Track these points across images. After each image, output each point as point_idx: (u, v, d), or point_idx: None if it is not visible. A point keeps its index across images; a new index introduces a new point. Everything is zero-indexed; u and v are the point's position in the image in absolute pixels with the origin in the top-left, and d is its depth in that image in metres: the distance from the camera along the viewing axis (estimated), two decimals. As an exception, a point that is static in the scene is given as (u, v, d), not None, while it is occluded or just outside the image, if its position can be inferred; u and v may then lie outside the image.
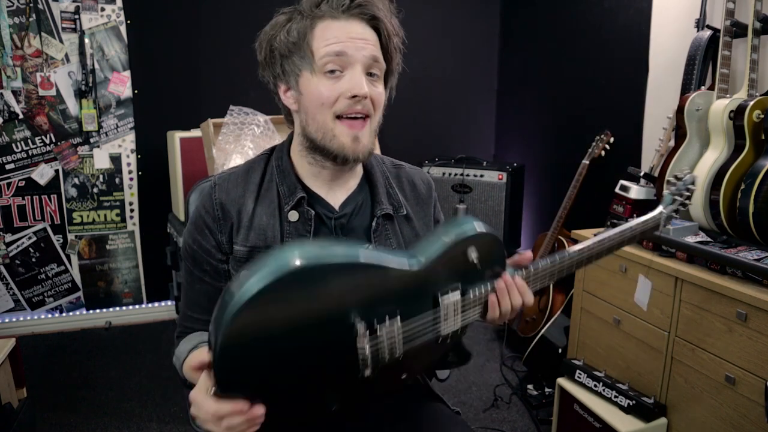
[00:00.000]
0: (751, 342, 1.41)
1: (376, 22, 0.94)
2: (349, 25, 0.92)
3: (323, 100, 0.91)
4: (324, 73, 0.91)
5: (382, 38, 0.95)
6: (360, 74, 0.91)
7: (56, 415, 2.22)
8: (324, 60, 0.91)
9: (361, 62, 0.92)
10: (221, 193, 0.99)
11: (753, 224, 1.59)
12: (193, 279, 1.02)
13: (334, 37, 0.91)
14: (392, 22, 0.96)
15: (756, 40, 1.77)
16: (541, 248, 2.58)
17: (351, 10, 0.92)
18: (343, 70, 0.91)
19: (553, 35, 3.08)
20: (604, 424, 1.72)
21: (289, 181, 1.00)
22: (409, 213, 1.07)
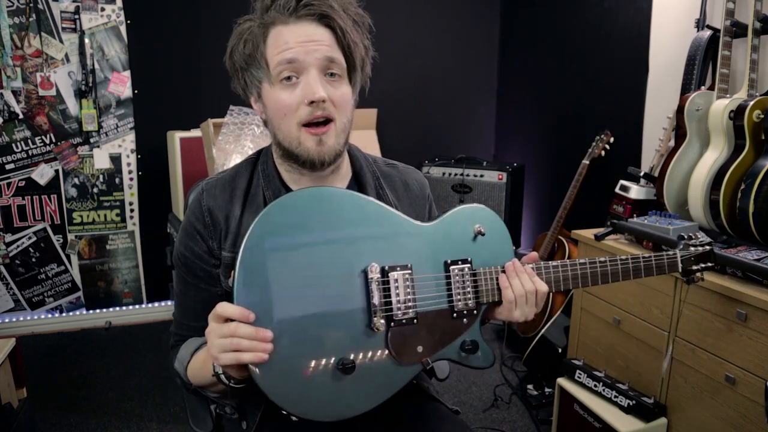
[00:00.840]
0: (751, 342, 1.41)
1: (328, 20, 0.90)
2: (299, 28, 0.89)
3: (285, 111, 0.90)
4: (280, 81, 0.90)
5: (337, 35, 0.91)
6: (315, 78, 0.89)
7: (56, 415, 2.22)
8: (278, 69, 0.89)
9: (315, 65, 0.89)
10: (209, 198, 0.98)
11: (753, 224, 1.59)
12: (187, 286, 1.01)
13: (284, 43, 0.89)
14: (348, 15, 0.92)
15: (756, 40, 1.77)
16: (541, 248, 2.58)
17: (298, 11, 0.89)
18: (298, 75, 0.89)
19: (553, 35, 3.08)
20: (604, 424, 1.72)
21: (274, 186, 0.99)
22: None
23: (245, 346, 0.76)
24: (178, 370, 1.01)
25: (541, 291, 0.96)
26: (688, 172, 1.86)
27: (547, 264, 1.00)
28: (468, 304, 0.94)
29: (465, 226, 0.96)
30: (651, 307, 1.75)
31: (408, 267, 0.89)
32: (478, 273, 0.95)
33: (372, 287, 0.85)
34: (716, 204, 1.70)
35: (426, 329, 0.90)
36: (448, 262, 0.93)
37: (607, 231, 1.93)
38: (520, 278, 0.95)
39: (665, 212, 1.86)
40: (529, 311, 0.96)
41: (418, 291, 0.90)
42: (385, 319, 0.86)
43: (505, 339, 2.83)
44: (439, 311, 0.92)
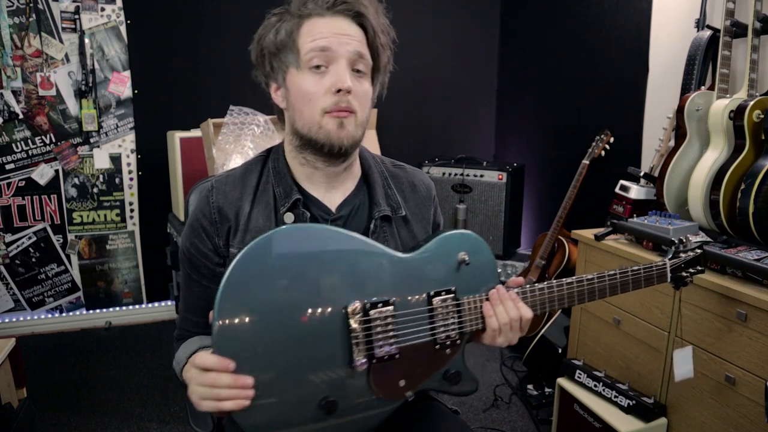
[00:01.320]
0: (751, 342, 1.41)
1: (361, 18, 0.95)
2: (335, 21, 0.93)
3: (310, 96, 0.92)
4: (309, 68, 0.93)
5: (368, 35, 0.96)
6: (344, 69, 0.92)
7: (56, 415, 2.22)
8: (309, 55, 0.92)
9: (346, 57, 0.93)
10: (219, 196, 0.99)
11: (753, 224, 1.59)
12: (191, 282, 1.02)
13: (319, 33, 0.92)
14: (379, 20, 0.97)
15: (756, 40, 1.77)
16: (541, 248, 2.58)
17: (336, 6, 0.93)
18: (327, 65, 0.93)
19: (553, 35, 3.08)
20: (604, 424, 1.72)
21: (285, 182, 0.99)
22: (407, 215, 1.07)
23: (225, 395, 0.77)
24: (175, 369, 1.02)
25: (526, 317, 0.96)
26: (688, 172, 1.86)
27: (533, 287, 0.99)
28: (451, 335, 0.93)
29: (449, 254, 0.95)
30: (651, 307, 1.75)
31: (390, 303, 0.88)
32: (461, 303, 0.94)
33: (353, 326, 0.84)
34: (716, 204, 1.70)
35: (408, 363, 0.89)
36: (431, 294, 0.92)
37: (607, 231, 1.93)
38: (504, 305, 0.95)
39: (665, 212, 1.86)
40: (513, 337, 0.96)
41: (401, 326, 0.88)
42: (367, 357, 0.85)
43: (505, 339, 2.83)
44: (422, 344, 0.91)
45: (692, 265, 1.17)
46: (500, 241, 2.99)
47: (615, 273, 1.06)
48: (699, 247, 1.19)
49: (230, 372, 0.77)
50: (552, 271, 2.54)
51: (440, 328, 0.92)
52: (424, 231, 1.09)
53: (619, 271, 1.06)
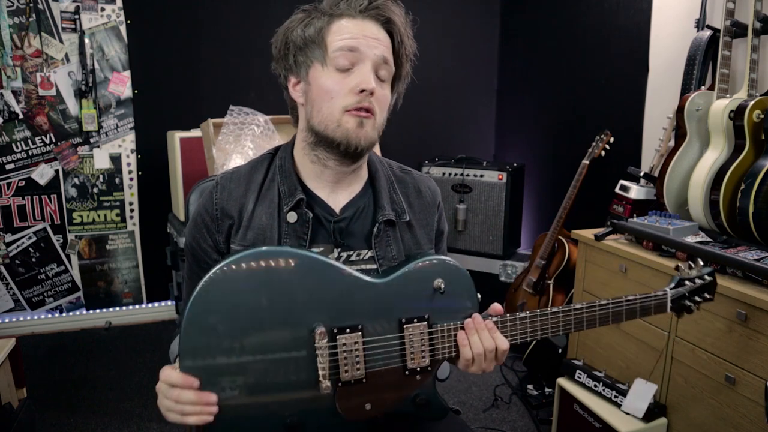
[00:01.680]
0: (751, 342, 1.41)
1: (391, 25, 0.97)
2: (365, 24, 0.95)
3: (332, 94, 0.93)
4: (335, 67, 0.93)
5: (395, 42, 0.98)
6: (369, 71, 0.93)
7: (56, 415, 2.22)
8: (336, 54, 0.93)
9: (372, 60, 0.94)
10: (223, 193, 1.00)
11: (753, 224, 1.59)
12: (194, 275, 1.03)
13: (348, 33, 0.93)
14: (406, 30, 1.00)
15: (756, 40, 1.77)
16: (541, 248, 2.58)
17: (368, 10, 0.95)
18: (353, 66, 0.93)
19: (553, 35, 3.09)
20: (604, 424, 1.72)
21: (290, 181, 0.99)
22: (411, 220, 1.06)
23: (188, 411, 0.80)
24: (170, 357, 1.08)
25: (501, 348, 0.92)
26: (688, 172, 1.86)
27: (513, 316, 0.95)
28: (422, 362, 0.91)
29: (424, 281, 0.92)
30: (651, 307, 1.75)
31: (358, 328, 0.87)
32: (434, 331, 0.92)
33: (320, 351, 0.84)
34: (716, 204, 1.70)
35: (376, 387, 0.89)
36: (402, 321, 0.90)
37: (607, 231, 1.93)
38: (480, 335, 0.92)
39: (665, 212, 1.86)
40: (487, 366, 0.93)
41: (369, 352, 0.88)
42: (332, 381, 0.86)
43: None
44: (391, 369, 0.90)
45: (700, 292, 1.10)
46: (500, 241, 2.99)
47: (607, 303, 1.01)
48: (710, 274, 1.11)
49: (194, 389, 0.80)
50: (552, 271, 2.54)
51: (411, 356, 0.90)
52: (428, 237, 1.09)
53: (612, 300, 1.02)
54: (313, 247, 0.97)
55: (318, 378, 0.84)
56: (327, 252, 0.98)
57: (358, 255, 1.00)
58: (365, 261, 1.00)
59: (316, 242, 0.98)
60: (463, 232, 3.06)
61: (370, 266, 0.99)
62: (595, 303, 1.00)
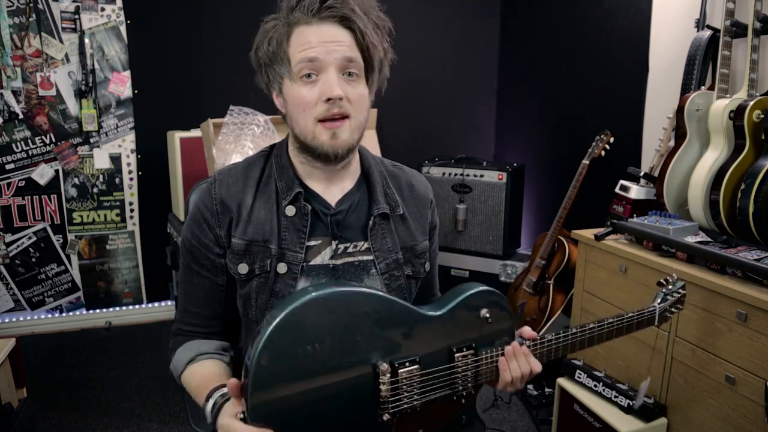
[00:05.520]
0: (751, 342, 1.41)
1: (348, 22, 0.94)
2: (321, 29, 0.93)
3: (303, 105, 0.94)
4: (300, 78, 0.93)
5: (357, 37, 0.95)
6: (333, 77, 0.92)
7: (56, 415, 2.22)
8: (299, 66, 0.93)
9: (334, 65, 0.93)
10: (221, 188, 1.02)
11: (753, 224, 1.59)
12: (191, 273, 1.04)
13: (306, 42, 0.93)
14: (369, 17, 0.96)
15: (756, 40, 1.77)
16: (541, 248, 2.58)
17: (321, 12, 0.93)
18: (318, 74, 0.93)
19: (553, 35, 3.08)
20: (604, 424, 1.72)
21: (287, 177, 1.02)
22: (405, 213, 1.08)
23: None
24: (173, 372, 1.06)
25: (535, 371, 1.00)
26: (688, 172, 1.86)
27: (542, 340, 1.03)
28: (468, 387, 0.97)
29: (472, 311, 0.98)
30: (651, 307, 1.75)
31: (416, 361, 0.91)
32: (480, 358, 0.98)
33: (383, 384, 0.87)
34: (716, 204, 1.70)
35: (428, 413, 0.94)
36: (453, 350, 0.95)
37: (607, 231, 1.93)
38: (518, 361, 0.99)
39: (665, 212, 1.86)
40: (520, 386, 1.01)
41: (425, 383, 0.92)
42: (392, 413, 0.89)
43: (505, 339, 2.83)
44: (442, 397, 0.95)
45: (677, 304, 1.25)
46: (500, 241, 2.99)
47: (613, 321, 1.13)
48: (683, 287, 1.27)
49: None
50: (552, 271, 2.54)
51: (459, 382, 0.96)
52: (422, 230, 1.11)
53: (616, 318, 1.14)
54: (312, 240, 0.99)
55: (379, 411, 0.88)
56: (325, 244, 1.00)
57: (355, 246, 1.02)
58: (362, 252, 1.03)
59: (314, 235, 1.00)
60: (463, 232, 3.06)
61: (366, 257, 1.02)
62: (603, 322, 1.12)
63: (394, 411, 0.88)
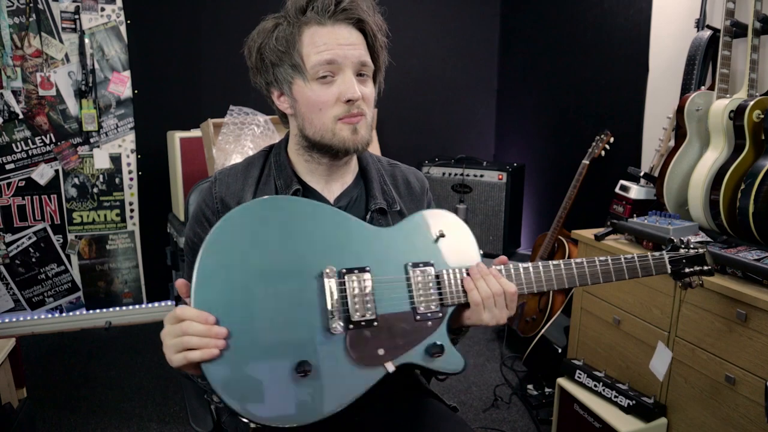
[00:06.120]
0: (751, 342, 1.41)
1: (362, 24, 0.96)
2: (336, 30, 0.94)
3: (320, 105, 0.94)
4: (316, 79, 0.94)
5: (368, 39, 0.98)
6: (351, 78, 0.94)
7: (56, 415, 2.22)
8: (315, 68, 0.93)
9: (351, 67, 0.94)
10: (221, 187, 1.03)
11: (753, 224, 1.59)
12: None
13: (323, 44, 0.93)
14: (376, 20, 0.98)
15: (756, 40, 1.77)
16: (541, 248, 2.58)
17: (336, 15, 0.94)
18: (334, 75, 0.94)
19: (553, 35, 3.09)
20: (604, 424, 1.72)
21: (286, 175, 1.03)
22: (402, 209, 1.09)
23: (195, 344, 0.77)
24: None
25: (509, 292, 0.93)
26: (688, 172, 1.86)
27: (516, 266, 0.97)
28: (431, 306, 0.92)
29: (426, 229, 0.96)
30: (651, 307, 1.75)
31: (366, 269, 0.89)
32: (441, 275, 0.94)
33: (328, 289, 0.86)
34: (716, 204, 1.70)
35: (387, 332, 0.89)
36: (409, 265, 0.93)
37: (607, 231, 1.93)
38: (485, 280, 0.93)
39: (665, 212, 1.86)
40: (500, 314, 0.93)
41: (378, 293, 0.89)
42: (343, 321, 0.86)
43: (505, 339, 2.83)
44: (401, 314, 0.91)
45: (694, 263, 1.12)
46: (500, 241, 2.99)
47: (607, 260, 1.03)
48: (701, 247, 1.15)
49: (210, 324, 0.78)
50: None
51: (420, 298, 0.91)
52: None
53: (612, 258, 1.04)
54: None
55: (328, 318, 0.85)
56: None
57: None
58: None
59: None
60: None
61: None
62: (594, 259, 1.02)
63: (344, 319, 0.86)
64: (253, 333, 0.82)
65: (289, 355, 0.83)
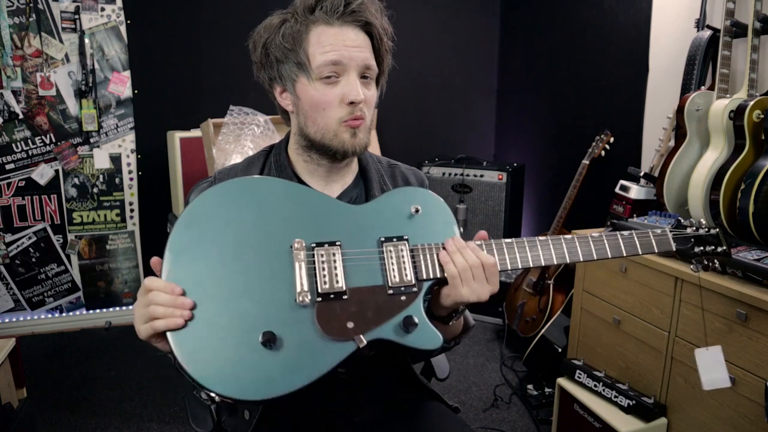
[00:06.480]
0: (751, 342, 1.41)
1: (369, 27, 0.96)
2: (343, 32, 0.94)
3: (324, 105, 0.94)
4: (321, 79, 0.94)
5: (374, 42, 0.98)
6: (355, 80, 0.94)
7: (56, 415, 2.22)
8: (320, 68, 0.93)
9: (356, 69, 0.94)
10: None
11: (753, 224, 1.59)
12: None
13: (329, 44, 0.93)
14: (383, 23, 0.98)
15: (756, 40, 1.77)
16: (541, 248, 2.58)
17: (345, 16, 0.94)
18: (339, 75, 0.94)
19: (553, 35, 3.09)
20: (604, 424, 1.72)
21: (286, 175, 1.03)
22: None
23: (160, 313, 0.78)
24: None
25: (488, 263, 0.89)
26: (688, 172, 1.86)
27: (499, 241, 0.93)
28: (405, 279, 0.88)
29: (400, 205, 0.94)
30: (651, 307, 1.75)
31: (336, 243, 0.89)
32: (415, 249, 0.91)
33: (297, 260, 0.85)
34: (716, 204, 1.70)
35: (358, 305, 0.86)
36: (381, 240, 0.91)
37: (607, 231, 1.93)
38: (462, 253, 0.89)
39: (665, 212, 1.86)
40: (480, 289, 0.88)
41: (349, 267, 0.88)
42: (311, 293, 0.85)
43: (505, 339, 2.83)
44: (374, 287, 0.87)
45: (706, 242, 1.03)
46: (500, 241, 2.99)
47: (601, 236, 0.96)
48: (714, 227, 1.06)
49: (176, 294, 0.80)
50: (552, 271, 2.54)
51: (393, 273, 0.88)
52: None
53: (607, 234, 0.96)
54: None
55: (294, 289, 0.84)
56: None
57: None
58: None
59: None
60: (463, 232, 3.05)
61: None
62: (587, 235, 0.96)
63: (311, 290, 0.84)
64: (220, 305, 0.82)
65: (255, 326, 0.81)
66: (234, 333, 0.81)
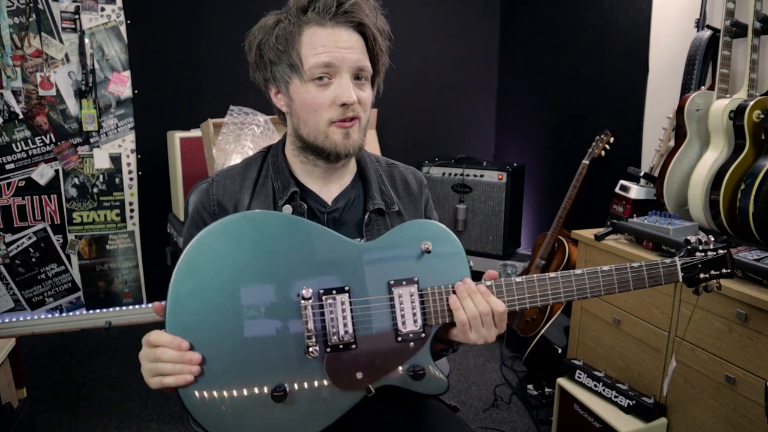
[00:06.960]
0: (751, 342, 1.41)
1: (363, 27, 0.95)
2: (336, 33, 0.93)
3: (315, 107, 0.94)
4: (313, 80, 0.93)
5: (368, 42, 0.97)
6: (348, 82, 0.93)
7: (56, 415, 2.22)
8: (312, 69, 0.93)
9: (349, 71, 0.94)
10: (218, 189, 1.03)
11: (753, 224, 1.59)
12: None
13: (321, 46, 0.92)
14: (378, 23, 0.97)
15: (756, 40, 1.77)
16: (541, 248, 2.58)
17: (337, 17, 0.93)
18: (331, 77, 0.94)
19: (553, 35, 3.08)
20: (604, 424, 1.72)
21: (283, 176, 1.02)
22: (400, 209, 1.09)
23: (169, 370, 0.78)
24: None
25: (498, 311, 0.88)
26: (688, 172, 1.86)
27: (509, 281, 0.92)
28: (414, 326, 0.88)
29: (411, 243, 0.90)
30: (651, 307, 1.75)
31: (345, 290, 0.86)
32: (425, 293, 0.89)
33: (306, 312, 0.83)
34: (716, 204, 1.70)
35: (367, 354, 0.86)
36: (391, 283, 0.88)
37: (607, 231, 1.93)
38: (472, 298, 0.88)
39: (665, 212, 1.86)
40: (488, 334, 0.88)
41: (357, 314, 0.86)
42: (321, 345, 0.84)
43: (505, 339, 2.83)
44: (382, 335, 0.87)
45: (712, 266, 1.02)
46: (500, 241, 2.99)
47: (611, 269, 0.94)
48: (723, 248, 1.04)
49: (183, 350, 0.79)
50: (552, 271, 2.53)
51: (402, 319, 0.87)
52: None
53: (616, 267, 0.95)
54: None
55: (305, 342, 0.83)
56: None
57: None
58: None
59: None
60: (463, 232, 3.06)
61: None
62: (597, 269, 0.94)
63: (322, 343, 0.84)
64: (229, 358, 0.81)
65: (265, 380, 0.82)
66: (243, 386, 0.81)
